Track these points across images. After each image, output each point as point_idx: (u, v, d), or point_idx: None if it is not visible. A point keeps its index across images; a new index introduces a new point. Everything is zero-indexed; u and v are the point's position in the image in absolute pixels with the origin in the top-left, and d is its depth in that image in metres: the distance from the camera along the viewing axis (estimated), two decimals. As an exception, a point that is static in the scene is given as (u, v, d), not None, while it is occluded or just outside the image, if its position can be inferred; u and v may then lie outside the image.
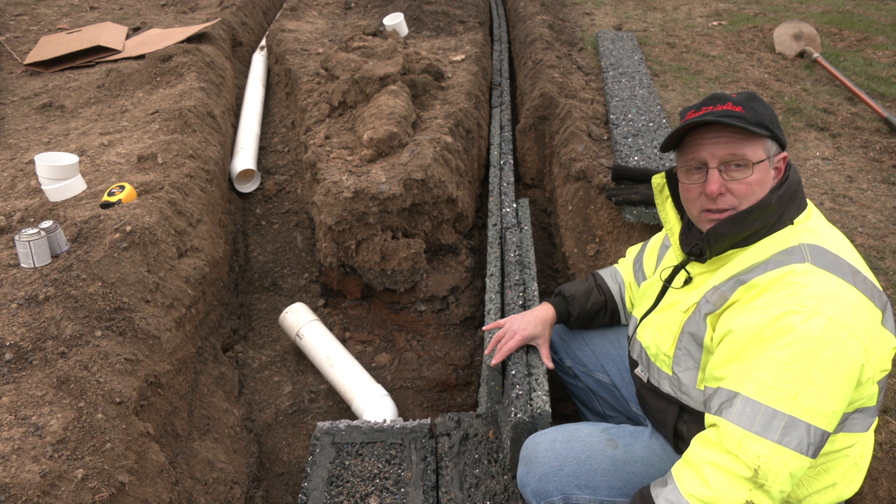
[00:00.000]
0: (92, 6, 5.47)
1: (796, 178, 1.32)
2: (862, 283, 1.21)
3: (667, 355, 1.42)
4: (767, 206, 1.27)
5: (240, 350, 2.85)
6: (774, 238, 1.28)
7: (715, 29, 4.89)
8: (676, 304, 1.43)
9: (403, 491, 1.80)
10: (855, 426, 1.26)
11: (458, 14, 5.00)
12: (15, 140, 3.24)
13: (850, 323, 1.13)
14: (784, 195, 1.28)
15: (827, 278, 1.18)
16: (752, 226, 1.28)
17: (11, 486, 1.43)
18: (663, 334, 1.43)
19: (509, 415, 1.72)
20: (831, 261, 1.21)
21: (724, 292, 1.29)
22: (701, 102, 1.34)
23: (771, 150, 1.30)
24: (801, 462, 1.13)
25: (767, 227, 1.28)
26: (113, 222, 2.29)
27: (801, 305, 1.14)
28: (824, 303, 1.14)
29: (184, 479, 1.96)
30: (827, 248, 1.23)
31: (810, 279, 1.17)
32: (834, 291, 1.16)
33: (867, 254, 2.25)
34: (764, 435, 1.13)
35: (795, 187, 1.31)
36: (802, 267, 1.20)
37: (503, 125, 3.74)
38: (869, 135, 3.18)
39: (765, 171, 1.29)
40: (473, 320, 3.01)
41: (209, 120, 3.37)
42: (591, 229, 2.82)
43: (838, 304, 1.15)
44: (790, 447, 1.12)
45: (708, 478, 1.17)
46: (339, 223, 2.73)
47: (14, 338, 1.80)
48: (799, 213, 1.31)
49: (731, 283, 1.28)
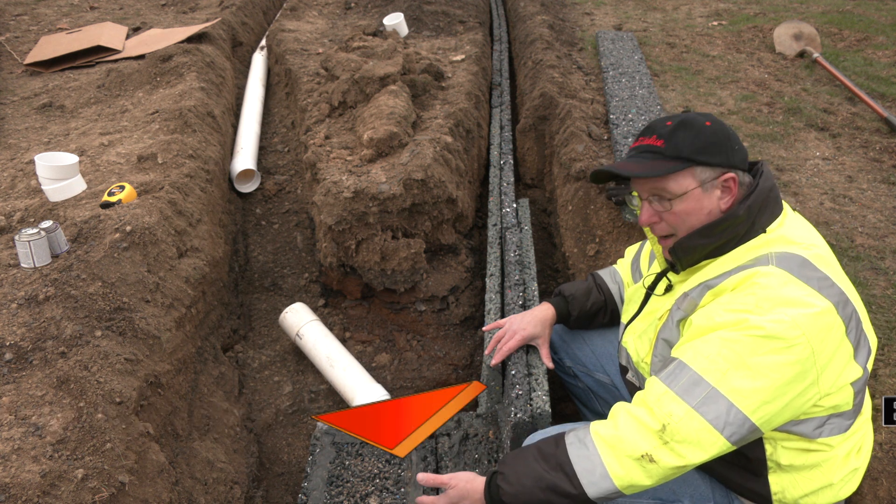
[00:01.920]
0: (92, 6, 5.48)
1: (766, 185, 1.32)
2: (828, 289, 1.20)
3: (645, 362, 1.45)
4: (735, 217, 1.28)
5: (240, 350, 2.86)
6: (746, 248, 1.30)
7: (715, 29, 4.89)
8: (656, 310, 1.46)
9: (403, 491, 1.80)
10: (833, 430, 1.26)
11: (458, 14, 5.00)
12: (15, 140, 3.24)
13: (804, 324, 1.14)
14: (753, 205, 1.29)
15: (789, 281, 1.19)
16: (720, 237, 1.30)
17: (11, 486, 1.43)
18: (642, 341, 1.47)
19: (509, 415, 1.72)
20: (798, 264, 1.22)
21: (693, 298, 1.32)
22: (640, 132, 1.40)
23: (703, 175, 1.30)
24: (712, 437, 1.15)
25: (738, 236, 1.30)
26: (113, 222, 2.29)
27: (756, 306, 1.17)
28: (781, 304, 1.16)
29: (184, 479, 1.96)
30: (796, 254, 1.24)
31: (772, 280, 1.19)
32: (794, 294, 1.17)
33: (867, 254, 2.25)
34: (683, 397, 1.17)
35: (766, 195, 1.30)
36: (767, 269, 1.21)
37: (503, 125, 3.74)
38: (869, 135, 3.18)
39: (696, 198, 1.31)
40: (473, 320, 3.01)
41: (209, 120, 3.37)
42: (591, 229, 2.82)
43: (796, 306, 1.15)
44: (705, 417, 1.15)
45: (619, 421, 1.24)
46: (339, 223, 2.73)
47: (14, 338, 1.80)
48: (772, 220, 1.31)
49: (699, 289, 1.31)
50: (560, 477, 1.25)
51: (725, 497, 1.41)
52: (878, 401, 1.67)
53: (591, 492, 1.22)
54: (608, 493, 1.22)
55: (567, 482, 1.24)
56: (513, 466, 1.33)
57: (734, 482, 1.38)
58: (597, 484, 1.21)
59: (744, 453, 1.30)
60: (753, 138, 3.18)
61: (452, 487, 1.43)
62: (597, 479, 1.21)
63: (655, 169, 1.30)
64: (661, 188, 1.33)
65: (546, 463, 1.28)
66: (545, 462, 1.28)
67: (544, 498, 1.27)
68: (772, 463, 1.30)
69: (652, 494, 1.40)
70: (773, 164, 2.94)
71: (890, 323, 1.92)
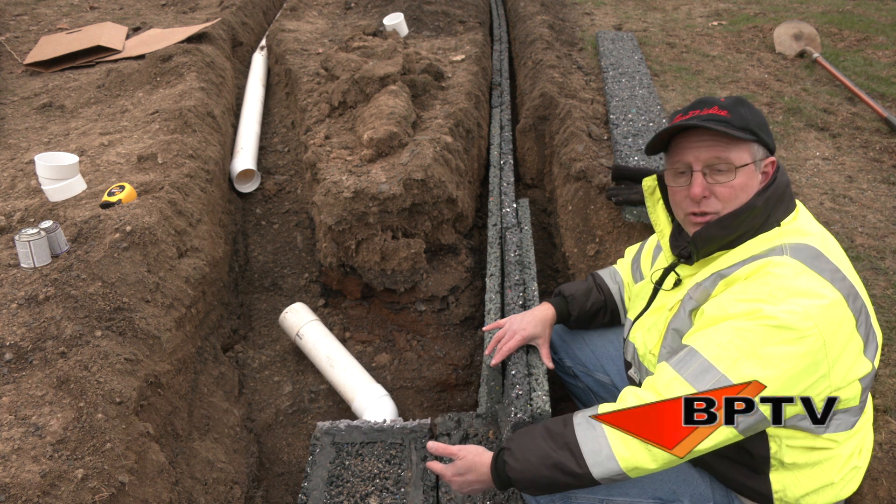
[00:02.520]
0: (92, 6, 5.48)
1: (784, 180, 1.33)
2: (840, 281, 1.21)
3: (653, 354, 1.44)
4: (753, 208, 1.28)
5: (240, 350, 2.86)
6: (760, 239, 1.30)
7: (715, 29, 4.89)
8: (665, 305, 1.45)
9: (403, 491, 1.80)
10: (839, 426, 1.26)
11: (458, 14, 5.00)
12: (15, 140, 3.24)
13: (817, 315, 1.14)
14: (771, 197, 1.29)
15: (803, 271, 1.19)
16: (738, 228, 1.29)
17: (11, 486, 1.43)
18: (651, 334, 1.47)
19: (509, 415, 1.72)
20: (811, 256, 1.22)
21: (706, 287, 1.31)
22: (689, 106, 1.36)
23: (757, 154, 1.31)
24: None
25: (754, 229, 1.30)
26: (113, 222, 2.29)
27: (770, 295, 1.16)
28: (795, 294, 1.15)
29: (184, 479, 1.96)
30: (810, 245, 1.24)
31: (786, 270, 1.19)
32: (807, 285, 1.17)
33: (867, 254, 2.25)
34: (692, 383, 1.17)
35: (783, 189, 1.31)
36: (780, 259, 1.21)
37: (503, 125, 3.74)
38: (869, 135, 3.18)
39: (749, 174, 1.30)
40: (473, 320, 3.01)
41: (209, 120, 3.37)
42: (591, 229, 2.82)
43: (809, 296, 1.15)
44: None
45: (627, 402, 1.24)
46: (339, 223, 2.73)
47: (14, 338, 1.80)
48: (786, 214, 1.32)
49: (712, 278, 1.31)
50: (566, 456, 1.25)
51: (725, 497, 1.40)
52: (879, 401, 1.67)
53: (595, 472, 1.23)
54: (613, 474, 1.23)
55: (573, 461, 1.24)
56: (520, 443, 1.34)
57: (735, 481, 1.37)
58: (602, 465, 1.22)
59: (747, 450, 1.30)
60: (753, 138, 3.17)
61: (461, 458, 1.45)
62: (602, 460, 1.22)
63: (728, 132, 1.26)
64: (724, 158, 1.29)
65: (553, 441, 1.29)
66: (552, 441, 1.29)
67: (549, 475, 1.28)
68: (775, 461, 1.30)
69: (652, 494, 1.40)
70: (773, 164, 2.94)
71: (890, 323, 1.92)
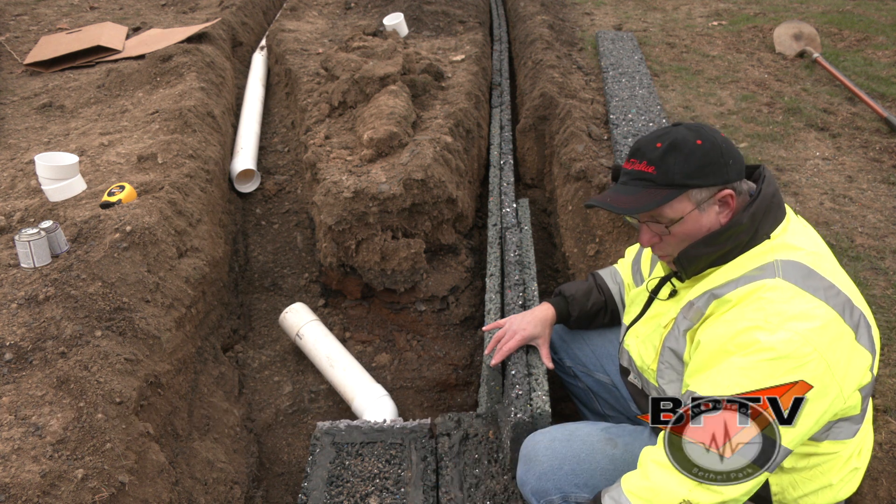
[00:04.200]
0: (92, 6, 5.48)
1: (769, 190, 1.30)
2: (834, 298, 1.19)
3: (651, 369, 1.44)
4: (739, 224, 1.26)
5: (240, 350, 2.86)
6: (750, 255, 1.28)
7: (715, 29, 4.89)
8: (660, 315, 1.44)
9: (403, 491, 1.80)
10: (840, 434, 1.25)
11: (458, 14, 5.00)
12: (15, 140, 3.24)
13: (815, 339, 1.12)
14: (756, 212, 1.27)
15: (796, 294, 1.17)
16: (724, 245, 1.28)
17: (11, 486, 1.43)
18: (647, 348, 1.46)
19: (509, 415, 1.72)
20: (803, 276, 1.20)
21: (699, 307, 1.30)
22: (628, 153, 1.36)
23: (699, 196, 1.28)
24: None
25: (742, 244, 1.28)
26: (113, 222, 2.29)
27: (765, 321, 1.14)
28: (790, 319, 1.13)
29: (184, 479, 1.96)
30: (801, 263, 1.22)
31: (779, 294, 1.17)
32: (801, 308, 1.15)
33: (867, 254, 2.25)
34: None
35: (769, 201, 1.29)
36: (773, 282, 1.19)
37: (503, 125, 3.74)
38: (869, 135, 3.18)
39: (694, 219, 1.29)
40: (473, 320, 3.01)
41: (209, 120, 3.37)
42: (591, 229, 2.82)
43: (804, 320, 1.13)
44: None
45: (650, 473, 1.20)
46: (339, 223, 2.73)
47: (14, 338, 1.80)
48: (776, 225, 1.29)
49: (705, 297, 1.29)
50: None
51: (725, 497, 1.40)
52: (879, 401, 1.67)
53: None
54: None
55: None
56: None
57: None
58: None
59: None
60: (753, 138, 3.18)
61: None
62: None
63: (648, 200, 1.27)
64: (657, 215, 1.31)
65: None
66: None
67: None
68: None
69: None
70: (772, 164, 2.94)
71: (890, 323, 1.92)
